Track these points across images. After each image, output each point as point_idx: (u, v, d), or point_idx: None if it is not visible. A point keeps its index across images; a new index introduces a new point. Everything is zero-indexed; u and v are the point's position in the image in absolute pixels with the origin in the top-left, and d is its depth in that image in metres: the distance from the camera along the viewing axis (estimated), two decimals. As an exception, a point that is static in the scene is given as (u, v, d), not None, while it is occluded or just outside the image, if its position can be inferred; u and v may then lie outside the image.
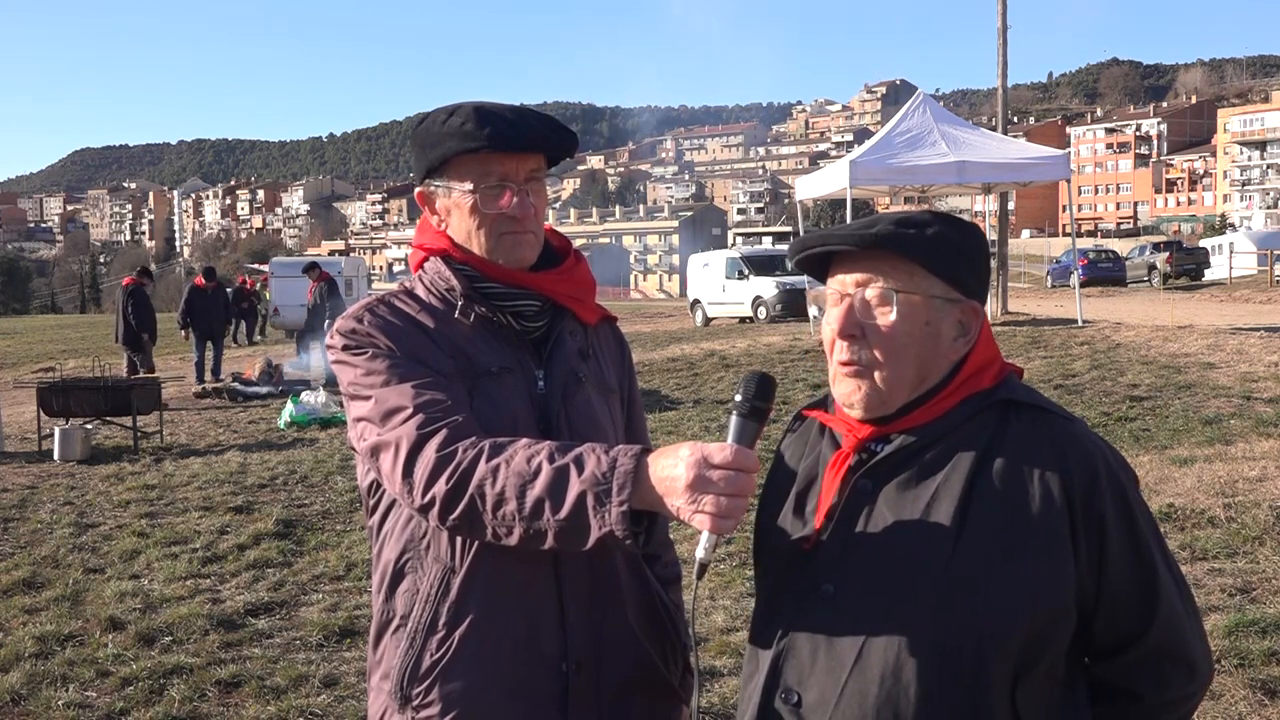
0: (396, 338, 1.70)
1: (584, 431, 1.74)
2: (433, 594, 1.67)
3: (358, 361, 1.69)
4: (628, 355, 1.97)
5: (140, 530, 7.27)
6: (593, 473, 1.46)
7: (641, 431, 1.99)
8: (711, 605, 5.23)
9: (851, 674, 1.44)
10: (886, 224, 1.50)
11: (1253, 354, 11.74)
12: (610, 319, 1.94)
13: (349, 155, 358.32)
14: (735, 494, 1.39)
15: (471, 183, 1.72)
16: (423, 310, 1.75)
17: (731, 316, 25.68)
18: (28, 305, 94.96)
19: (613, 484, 1.44)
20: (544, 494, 1.48)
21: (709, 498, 1.38)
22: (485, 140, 1.68)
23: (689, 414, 10.71)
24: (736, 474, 1.40)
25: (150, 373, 14.74)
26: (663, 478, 1.42)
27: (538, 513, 1.48)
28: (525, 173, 1.73)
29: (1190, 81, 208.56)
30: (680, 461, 1.41)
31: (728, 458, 1.40)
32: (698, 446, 1.42)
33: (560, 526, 1.47)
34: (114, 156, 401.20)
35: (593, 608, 1.70)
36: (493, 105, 1.75)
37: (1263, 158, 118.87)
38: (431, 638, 1.67)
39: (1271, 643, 4.22)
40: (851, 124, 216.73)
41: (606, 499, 1.44)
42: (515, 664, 1.66)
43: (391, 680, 1.70)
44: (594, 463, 1.48)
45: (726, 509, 1.38)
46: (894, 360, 1.49)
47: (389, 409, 1.62)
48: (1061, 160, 17.10)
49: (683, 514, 1.40)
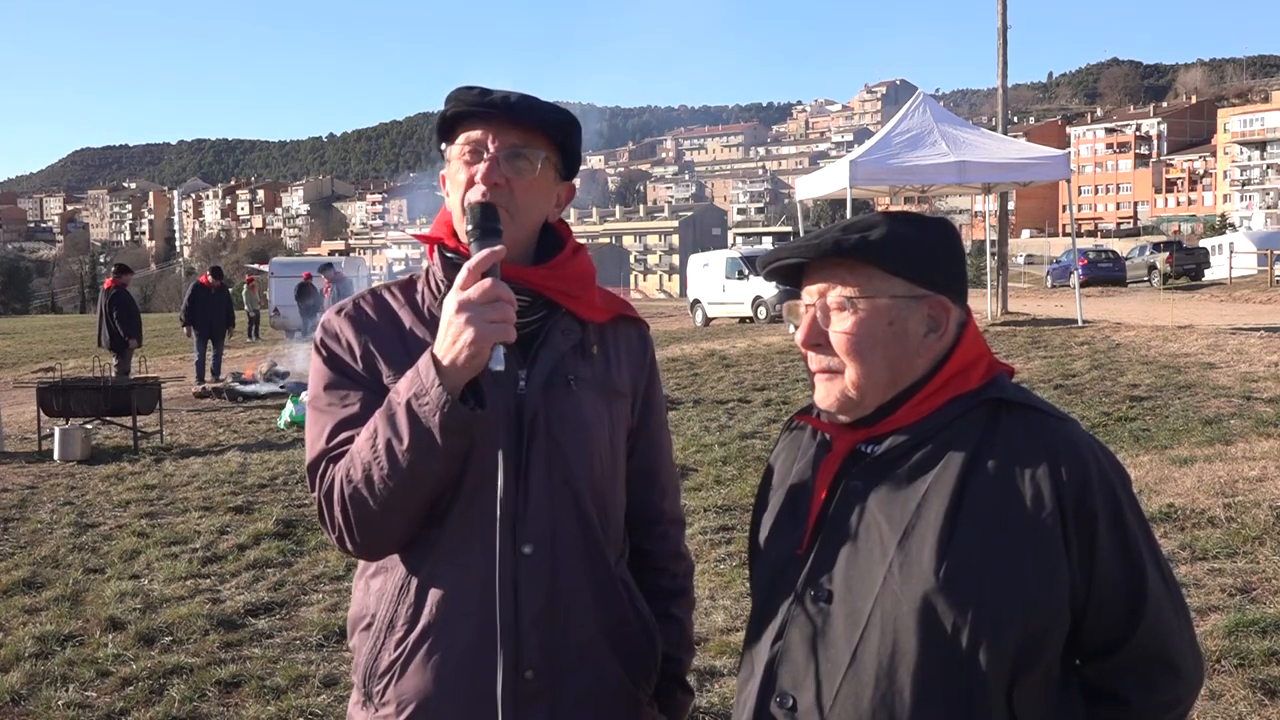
0: (363, 335, 1.72)
1: (566, 434, 1.69)
2: (395, 594, 1.68)
3: (315, 364, 1.76)
4: (650, 358, 1.89)
5: (140, 530, 7.28)
6: (406, 385, 1.55)
7: (658, 438, 1.90)
8: (711, 605, 5.23)
9: (846, 677, 1.44)
10: (834, 232, 1.52)
11: (1253, 354, 11.74)
12: (635, 319, 1.87)
13: (349, 155, 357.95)
14: (493, 299, 1.50)
15: (459, 145, 1.71)
16: (407, 304, 1.76)
17: (731, 316, 25.69)
18: (28, 305, 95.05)
19: (421, 378, 1.53)
20: (387, 434, 1.55)
21: (471, 313, 1.50)
22: (469, 101, 1.68)
23: (689, 414, 10.70)
24: (486, 283, 1.51)
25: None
26: (442, 337, 1.53)
27: (391, 453, 1.55)
28: (505, 143, 1.68)
29: (1190, 81, 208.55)
30: (444, 315, 1.54)
31: (467, 275, 1.52)
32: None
33: (413, 448, 1.53)
34: (114, 156, 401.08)
35: (549, 617, 1.67)
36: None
37: (1263, 158, 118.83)
38: (390, 637, 1.67)
39: (1271, 643, 4.22)
40: (851, 124, 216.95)
41: (424, 393, 1.52)
42: (467, 668, 1.64)
43: (358, 676, 1.72)
44: (405, 381, 1.57)
45: (494, 315, 1.50)
46: (860, 363, 1.50)
47: (311, 433, 1.71)
48: (1061, 160, 17.09)
49: (465, 342, 1.49)
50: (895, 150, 16.60)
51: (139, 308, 16.46)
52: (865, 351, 1.49)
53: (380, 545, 1.67)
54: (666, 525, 1.93)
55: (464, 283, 1.52)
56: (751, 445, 8.95)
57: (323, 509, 1.65)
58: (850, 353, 1.50)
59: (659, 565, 1.89)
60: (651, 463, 1.89)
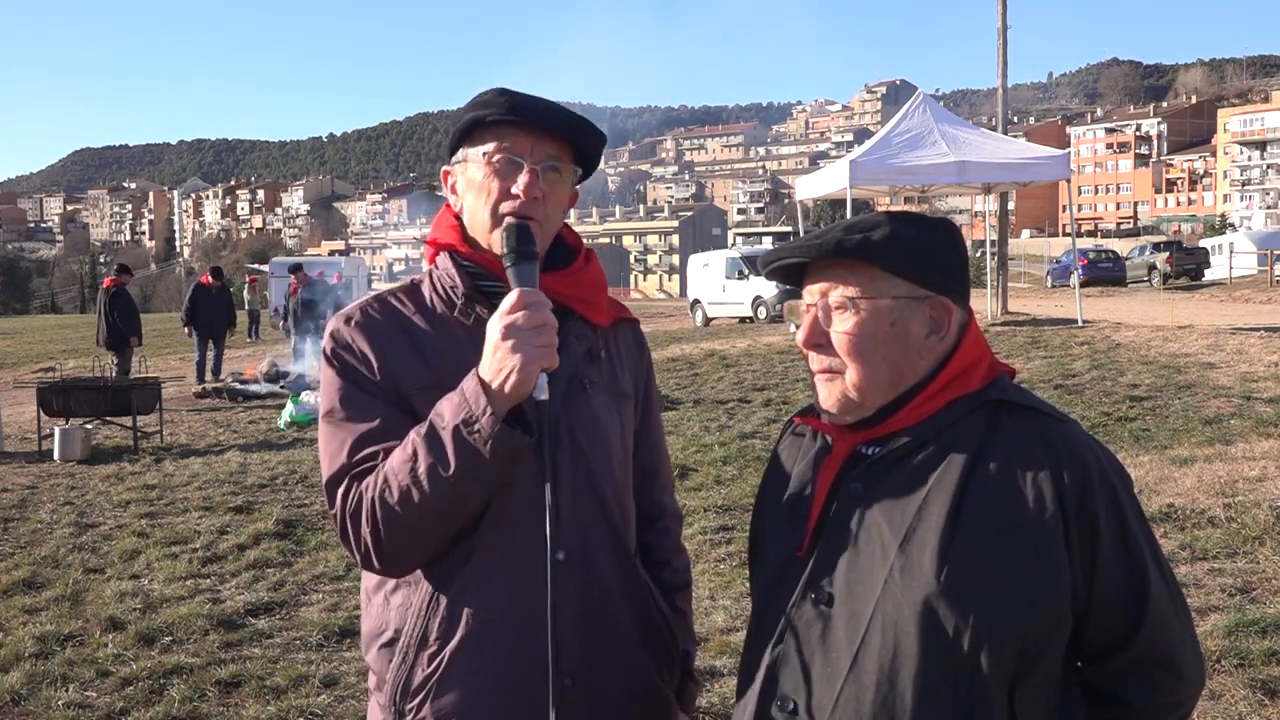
0: (378, 345, 1.69)
1: (587, 439, 1.71)
2: (424, 609, 1.66)
3: (328, 375, 1.71)
4: (647, 358, 1.92)
5: (140, 530, 7.28)
6: (453, 411, 1.53)
7: (657, 436, 1.94)
8: (711, 605, 5.23)
9: (847, 680, 1.43)
10: (836, 232, 1.51)
11: (1253, 354, 11.74)
12: (630, 320, 1.89)
13: (349, 155, 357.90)
14: (539, 324, 1.51)
15: (485, 152, 1.68)
16: (418, 311, 1.73)
17: (731, 316, 25.68)
18: (28, 305, 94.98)
19: (470, 405, 1.51)
20: (430, 459, 1.53)
21: (518, 339, 1.49)
22: (504, 109, 1.66)
23: (689, 414, 10.70)
24: (532, 308, 1.51)
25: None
26: (488, 362, 1.52)
27: (435, 478, 1.53)
28: (542, 155, 1.68)
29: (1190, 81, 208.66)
30: (490, 338, 1.52)
31: (515, 300, 1.52)
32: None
33: (460, 475, 1.52)
34: (114, 156, 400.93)
35: (585, 620, 1.68)
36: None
37: (1263, 158, 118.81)
38: (423, 653, 1.65)
39: (1271, 643, 4.22)
40: (851, 124, 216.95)
41: (473, 419, 1.51)
42: (507, 678, 1.64)
43: (385, 694, 1.69)
44: (449, 404, 1.54)
45: (539, 341, 1.50)
46: (861, 364, 1.49)
47: (330, 448, 1.66)
48: (1061, 160, 17.08)
49: (511, 367, 1.49)
50: (895, 150, 16.60)
51: (138, 307, 16.46)
52: (866, 352, 1.49)
53: (409, 564, 1.65)
54: (668, 520, 1.95)
55: (512, 306, 1.51)
56: (751, 445, 8.95)
57: (347, 527, 1.61)
58: (851, 353, 1.50)
59: (662, 559, 1.91)
60: (653, 460, 1.92)
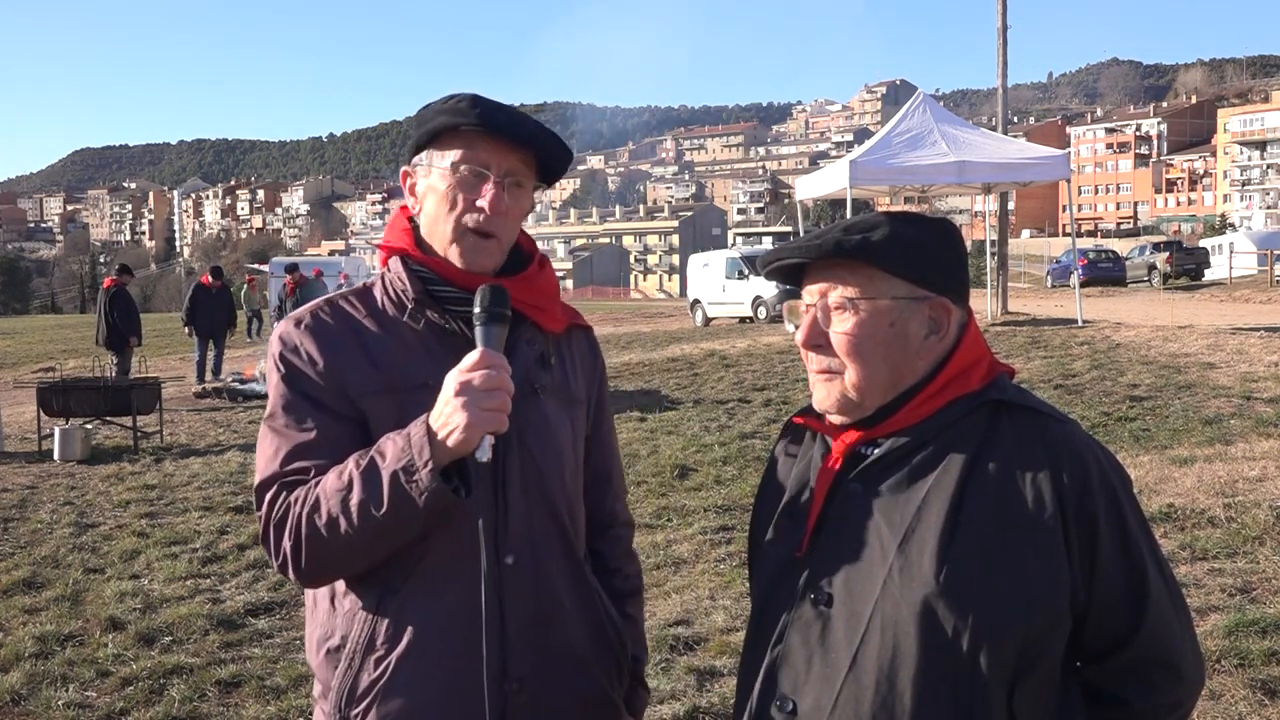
0: (327, 348, 1.68)
1: (537, 444, 1.70)
2: (370, 614, 1.64)
3: (274, 379, 1.70)
4: (600, 364, 1.91)
5: (140, 530, 7.28)
6: (395, 454, 1.52)
7: (609, 441, 1.93)
8: (711, 605, 5.23)
9: (846, 681, 1.43)
10: (835, 232, 1.51)
11: (1253, 354, 11.74)
12: (583, 326, 1.88)
13: (349, 155, 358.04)
14: (494, 388, 1.49)
15: (452, 161, 1.68)
16: (369, 315, 1.71)
17: (731, 316, 25.68)
18: (28, 305, 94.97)
19: (413, 453, 1.51)
20: (363, 496, 1.52)
21: (469, 398, 1.48)
22: (475, 119, 1.65)
23: (689, 414, 10.70)
24: (490, 371, 1.49)
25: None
26: (438, 414, 1.51)
27: (365, 515, 1.52)
28: (508, 166, 1.67)
29: (1190, 81, 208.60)
30: (444, 392, 1.51)
31: (476, 360, 1.50)
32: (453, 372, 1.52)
33: (389, 517, 1.52)
34: (114, 156, 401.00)
35: (535, 627, 1.66)
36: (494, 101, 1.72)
37: (1263, 158, 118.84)
38: (369, 658, 1.63)
39: (1271, 643, 4.22)
40: (851, 124, 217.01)
41: (413, 469, 1.50)
42: (454, 684, 1.62)
43: (329, 701, 1.67)
44: (392, 446, 1.53)
45: (490, 404, 1.49)
46: (861, 365, 1.49)
47: (265, 453, 1.66)
48: (1061, 160, 17.08)
49: (456, 425, 1.48)
50: (895, 150, 16.60)
51: (138, 308, 16.46)
52: (866, 353, 1.49)
53: (324, 580, 1.66)
54: (620, 528, 1.95)
55: (473, 365, 1.50)
56: (751, 445, 8.95)
57: (270, 534, 1.61)
58: (850, 354, 1.49)
59: (613, 567, 1.90)
60: (605, 467, 1.91)
